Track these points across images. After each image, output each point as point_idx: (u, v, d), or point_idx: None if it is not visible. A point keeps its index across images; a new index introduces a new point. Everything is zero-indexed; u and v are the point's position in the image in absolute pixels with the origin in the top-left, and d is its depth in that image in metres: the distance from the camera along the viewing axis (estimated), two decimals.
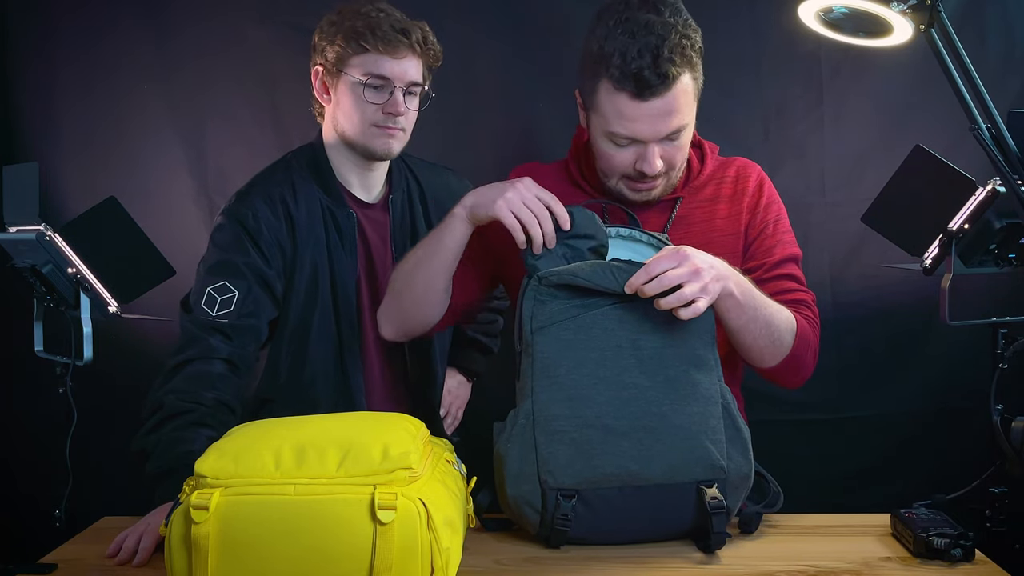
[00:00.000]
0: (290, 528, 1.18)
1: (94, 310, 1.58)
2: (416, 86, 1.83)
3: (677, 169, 1.63)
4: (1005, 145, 1.35)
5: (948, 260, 1.55)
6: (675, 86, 1.51)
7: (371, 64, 1.78)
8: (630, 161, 1.58)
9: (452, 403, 2.13)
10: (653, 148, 1.56)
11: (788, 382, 1.64)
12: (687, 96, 1.54)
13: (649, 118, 1.53)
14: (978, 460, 1.54)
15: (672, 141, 1.57)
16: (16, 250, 1.57)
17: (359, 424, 1.33)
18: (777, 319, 1.55)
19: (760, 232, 1.68)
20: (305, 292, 1.83)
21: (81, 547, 1.51)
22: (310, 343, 1.84)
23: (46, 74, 2.45)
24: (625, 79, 1.50)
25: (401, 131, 1.83)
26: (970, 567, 1.35)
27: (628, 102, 1.52)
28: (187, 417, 1.62)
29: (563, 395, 1.42)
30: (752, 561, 1.39)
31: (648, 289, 1.40)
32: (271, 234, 1.79)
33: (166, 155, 2.47)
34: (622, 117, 1.53)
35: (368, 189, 1.91)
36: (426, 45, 1.81)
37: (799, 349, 1.59)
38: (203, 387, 1.67)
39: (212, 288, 1.75)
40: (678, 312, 1.40)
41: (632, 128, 1.54)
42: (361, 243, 1.88)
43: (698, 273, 1.40)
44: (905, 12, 1.35)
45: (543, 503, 1.42)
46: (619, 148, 1.57)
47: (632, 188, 1.62)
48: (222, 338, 1.72)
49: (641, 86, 1.49)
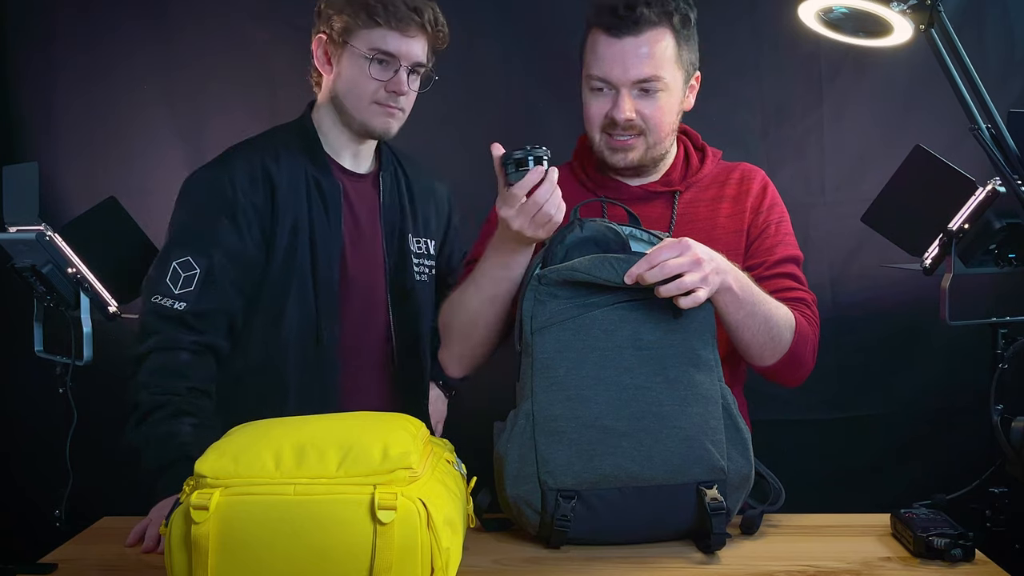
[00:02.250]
0: (290, 528, 1.18)
1: (94, 310, 1.59)
2: (420, 66, 1.79)
3: (656, 132, 1.64)
4: (1005, 145, 1.35)
5: (948, 260, 1.55)
6: (648, 31, 1.59)
7: (379, 39, 1.74)
8: (605, 109, 1.63)
9: (431, 416, 2.07)
10: (625, 94, 1.61)
11: (788, 380, 1.64)
12: (663, 50, 1.61)
13: (620, 55, 1.59)
14: (978, 460, 1.54)
15: (646, 93, 1.61)
16: (16, 250, 1.57)
17: (359, 424, 1.33)
18: (776, 316, 1.55)
19: (762, 231, 1.68)
20: (283, 261, 1.76)
21: (81, 547, 1.51)
22: (286, 315, 1.77)
23: (46, 74, 2.46)
24: (601, 13, 1.60)
25: (401, 111, 1.79)
26: (970, 567, 1.35)
27: (601, 37, 1.61)
28: (165, 410, 1.60)
29: (563, 395, 1.42)
30: (752, 561, 1.39)
31: (649, 276, 1.40)
32: (247, 200, 1.72)
33: (166, 155, 2.47)
34: (596, 56, 1.62)
35: (357, 162, 1.87)
36: (436, 26, 1.78)
37: (798, 346, 1.59)
38: (173, 377, 1.63)
39: (177, 262, 1.67)
40: (678, 301, 1.41)
41: (604, 68, 1.61)
42: (348, 213, 1.83)
43: (699, 263, 1.41)
44: (905, 12, 1.35)
45: (543, 504, 1.42)
46: (596, 96, 1.63)
47: (610, 147, 1.65)
48: (185, 329, 1.66)
49: (613, 18, 1.59)
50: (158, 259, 1.71)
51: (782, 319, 1.56)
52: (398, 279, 1.88)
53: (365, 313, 1.85)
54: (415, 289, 1.90)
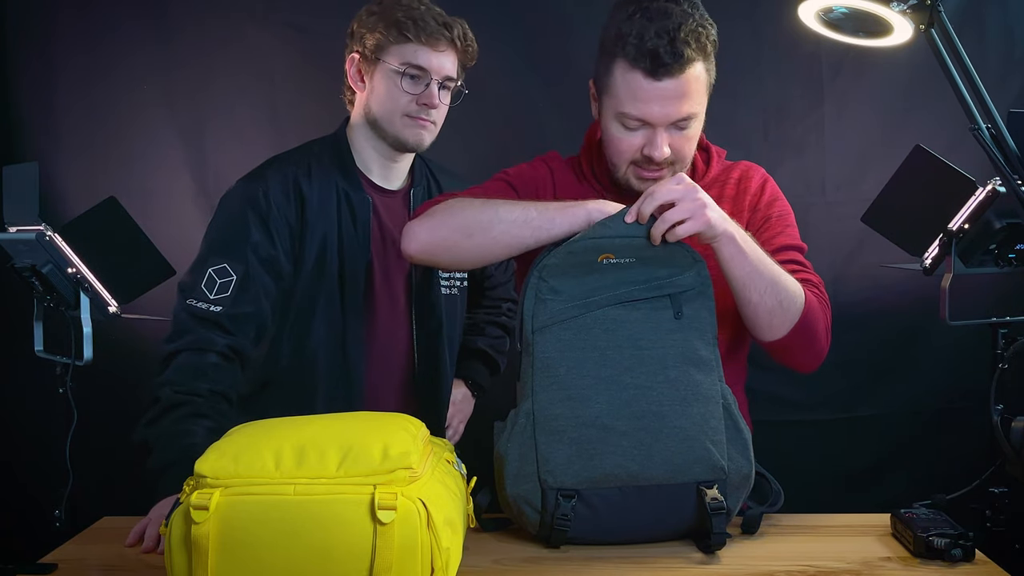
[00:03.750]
0: (290, 528, 1.18)
1: (94, 310, 1.58)
2: (451, 81, 1.84)
3: (684, 162, 1.63)
4: (1005, 145, 1.35)
5: (948, 260, 1.55)
6: (689, 70, 1.52)
7: (410, 54, 1.79)
8: (638, 146, 1.58)
9: (455, 416, 2.11)
10: (661, 133, 1.56)
11: (802, 360, 1.59)
12: (699, 84, 1.56)
13: (661, 99, 1.53)
14: (978, 460, 1.54)
15: (681, 130, 1.57)
16: (16, 250, 1.57)
17: (359, 424, 1.33)
18: (783, 279, 1.51)
19: (762, 224, 1.66)
20: (311, 273, 1.82)
21: (81, 547, 1.51)
22: (313, 326, 1.82)
23: (46, 74, 2.46)
24: (641, 56, 1.51)
25: (432, 123, 1.84)
26: (970, 567, 1.35)
27: (642, 81, 1.53)
28: (184, 409, 1.61)
29: (563, 395, 1.42)
30: (752, 561, 1.39)
31: (644, 207, 1.42)
32: (280, 212, 1.78)
33: (166, 155, 2.47)
34: (635, 97, 1.54)
35: (389, 178, 1.91)
36: (465, 41, 1.83)
37: (809, 318, 1.53)
38: (197, 378, 1.66)
39: (213, 269, 1.73)
40: (667, 236, 1.42)
41: (643, 109, 1.54)
42: (377, 229, 1.87)
43: (692, 191, 1.42)
44: (905, 12, 1.35)
45: (543, 503, 1.42)
46: (628, 132, 1.58)
47: (639, 177, 1.62)
48: (219, 331, 1.70)
49: (656, 64, 1.51)
50: (193, 265, 1.76)
51: (791, 285, 1.52)
52: (423, 293, 1.93)
53: (390, 326, 1.90)
54: (439, 303, 1.94)
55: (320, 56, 2.40)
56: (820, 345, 1.58)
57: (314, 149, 1.89)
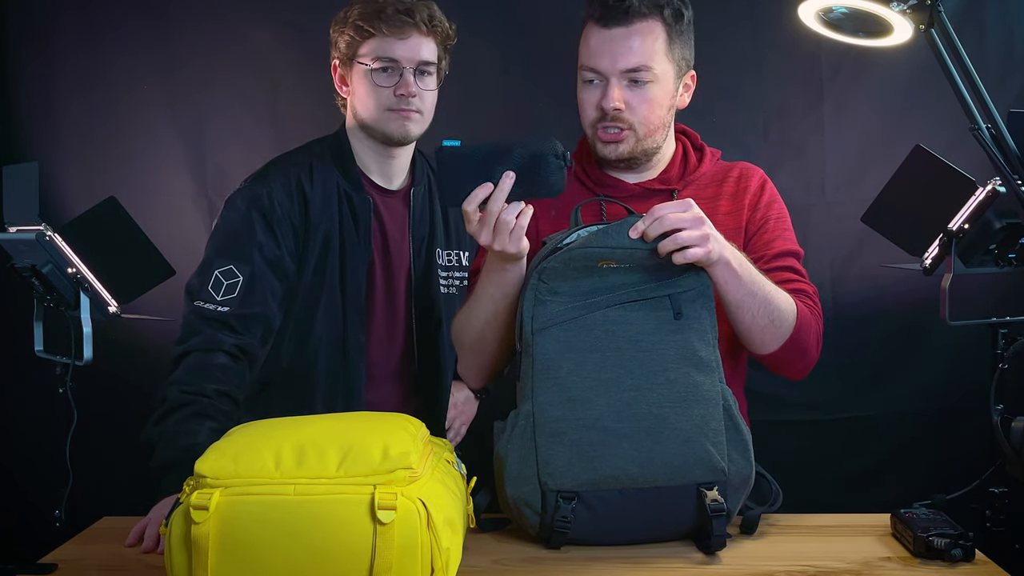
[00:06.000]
0: (290, 528, 1.18)
1: (94, 310, 1.58)
2: (428, 65, 1.83)
3: (644, 126, 1.64)
4: (1005, 145, 1.35)
5: (948, 260, 1.55)
6: (638, 22, 1.60)
7: (379, 48, 1.79)
8: (595, 100, 1.64)
9: (456, 418, 2.11)
10: (613, 83, 1.62)
11: (792, 370, 1.63)
12: (653, 41, 1.61)
13: (609, 45, 1.60)
14: (978, 460, 1.54)
15: (636, 84, 1.62)
16: (16, 250, 1.57)
17: (359, 424, 1.33)
18: (776, 298, 1.54)
19: (760, 227, 1.68)
20: (313, 273, 1.82)
21: (81, 547, 1.51)
22: (314, 326, 1.83)
23: (46, 74, 2.45)
24: (592, 5, 1.62)
25: (417, 112, 1.83)
26: (970, 567, 1.35)
27: (593, 29, 1.63)
28: (190, 409, 1.61)
29: (563, 396, 1.42)
30: (752, 561, 1.39)
31: (650, 230, 1.42)
32: (284, 213, 1.79)
33: (166, 155, 2.47)
34: (588, 48, 1.63)
35: (389, 178, 1.91)
36: (432, 23, 1.82)
37: (801, 332, 1.57)
38: (205, 378, 1.66)
39: (219, 271, 1.74)
40: (674, 257, 1.42)
41: (594, 59, 1.62)
42: (378, 229, 1.88)
43: (699, 221, 1.43)
44: (905, 12, 1.35)
45: (543, 505, 1.41)
46: (589, 89, 1.65)
47: (600, 140, 1.66)
48: (227, 331, 1.71)
49: (605, 11, 1.60)
50: (200, 268, 1.77)
51: (783, 302, 1.55)
52: (422, 292, 1.93)
53: (390, 325, 1.90)
54: (439, 302, 1.95)
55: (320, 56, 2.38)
56: (811, 356, 1.62)
57: (315, 149, 1.90)
